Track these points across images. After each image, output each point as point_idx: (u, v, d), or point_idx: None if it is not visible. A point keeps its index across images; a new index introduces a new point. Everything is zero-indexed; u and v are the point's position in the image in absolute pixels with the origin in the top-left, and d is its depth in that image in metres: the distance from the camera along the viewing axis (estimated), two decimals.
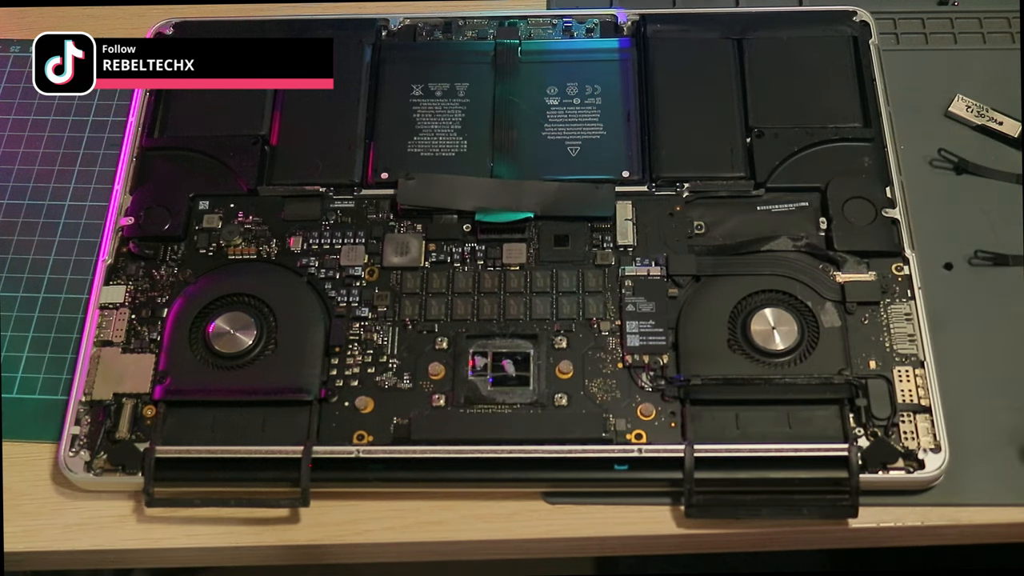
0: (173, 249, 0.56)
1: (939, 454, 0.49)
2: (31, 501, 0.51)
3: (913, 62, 0.63)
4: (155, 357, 0.52)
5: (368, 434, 0.50)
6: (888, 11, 0.64)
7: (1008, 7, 0.64)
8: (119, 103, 0.63)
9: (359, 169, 0.58)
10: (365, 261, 0.55)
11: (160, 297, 0.54)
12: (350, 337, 0.53)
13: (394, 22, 0.63)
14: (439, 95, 0.60)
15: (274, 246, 0.56)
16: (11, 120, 0.63)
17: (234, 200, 0.57)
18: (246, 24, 0.64)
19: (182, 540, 0.50)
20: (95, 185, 0.60)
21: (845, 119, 0.58)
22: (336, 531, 0.50)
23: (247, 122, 0.59)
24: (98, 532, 0.50)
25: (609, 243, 0.55)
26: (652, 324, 0.52)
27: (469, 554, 0.51)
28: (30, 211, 0.60)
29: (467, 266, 0.55)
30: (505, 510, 0.50)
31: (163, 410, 0.51)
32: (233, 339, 0.52)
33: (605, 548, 0.52)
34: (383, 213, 0.56)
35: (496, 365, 0.51)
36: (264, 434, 0.50)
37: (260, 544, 0.50)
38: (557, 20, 0.63)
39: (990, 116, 0.60)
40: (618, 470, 0.49)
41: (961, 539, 0.50)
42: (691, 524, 0.49)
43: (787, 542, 0.51)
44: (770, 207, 0.56)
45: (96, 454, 0.50)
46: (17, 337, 0.55)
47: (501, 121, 0.59)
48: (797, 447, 0.49)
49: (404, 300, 0.54)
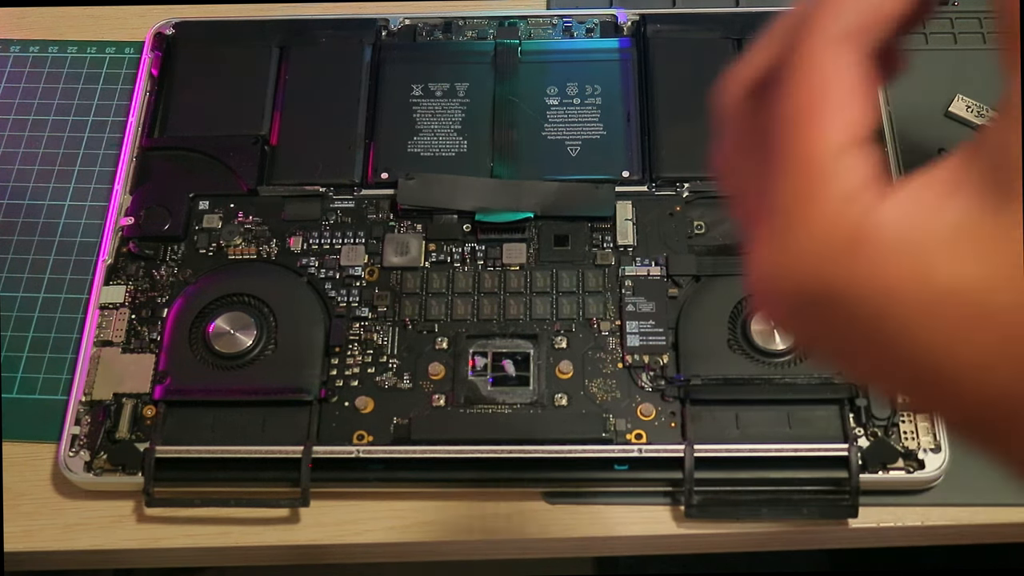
0: (173, 249, 0.56)
1: (939, 454, 0.49)
2: (31, 501, 0.51)
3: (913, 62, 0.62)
4: (155, 357, 0.52)
5: (368, 434, 0.50)
6: None
7: None
8: (119, 103, 0.63)
9: (359, 169, 0.58)
10: (365, 261, 0.55)
11: (160, 297, 0.54)
12: (350, 337, 0.53)
13: (394, 22, 0.63)
14: (439, 95, 0.60)
15: (274, 246, 0.56)
16: (11, 120, 0.63)
17: (234, 200, 0.57)
18: (246, 24, 0.64)
19: (182, 540, 0.50)
20: (95, 185, 0.60)
21: None
22: (336, 531, 0.50)
23: (247, 122, 0.59)
24: (98, 532, 0.50)
25: (609, 243, 0.55)
26: (652, 324, 0.52)
27: (469, 554, 0.51)
28: (30, 211, 0.60)
29: (467, 266, 0.55)
30: (505, 510, 0.50)
31: (163, 410, 0.51)
32: (233, 339, 0.52)
33: (605, 548, 0.52)
34: (383, 213, 0.56)
35: (496, 365, 0.51)
36: (264, 434, 0.50)
37: (260, 544, 0.50)
38: (557, 20, 0.63)
39: (990, 116, 0.60)
40: (618, 470, 0.49)
41: (961, 539, 0.50)
42: (691, 524, 0.49)
43: (787, 542, 0.51)
44: None
45: (96, 454, 0.50)
46: (17, 337, 0.55)
47: (501, 121, 0.59)
48: (797, 447, 0.49)
49: (404, 300, 0.54)
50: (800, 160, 0.22)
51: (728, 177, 0.27)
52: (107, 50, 0.65)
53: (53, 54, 0.65)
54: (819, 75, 0.23)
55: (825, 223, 0.22)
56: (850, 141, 0.22)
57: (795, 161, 0.23)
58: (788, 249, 0.22)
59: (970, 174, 0.21)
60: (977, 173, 0.21)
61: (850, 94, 0.23)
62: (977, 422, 0.22)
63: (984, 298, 0.20)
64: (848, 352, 0.23)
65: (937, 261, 0.20)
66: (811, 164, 0.22)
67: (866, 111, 0.23)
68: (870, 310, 0.21)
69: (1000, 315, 0.20)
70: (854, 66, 0.23)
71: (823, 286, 0.22)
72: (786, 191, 0.22)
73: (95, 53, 0.65)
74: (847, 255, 0.21)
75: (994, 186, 0.20)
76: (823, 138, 0.22)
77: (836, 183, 0.22)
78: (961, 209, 0.20)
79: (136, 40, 0.64)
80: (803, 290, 0.22)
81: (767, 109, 0.24)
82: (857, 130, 0.23)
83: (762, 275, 0.23)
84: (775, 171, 0.23)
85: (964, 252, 0.20)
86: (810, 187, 0.22)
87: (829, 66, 0.23)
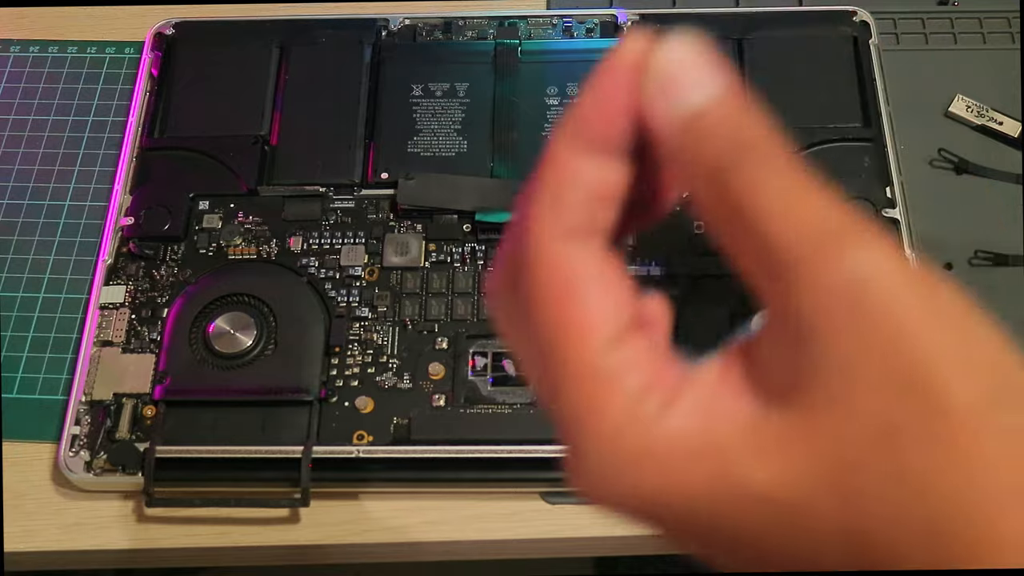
0: (173, 249, 0.56)
1: None
2: (31, 501, 0.51)
3: (913, 62, 0.63)
4: (155, 357, 0.52)
5: (368, 434, 0.50)
6: (888, 11, 0.64)
7: (1008, 7, 0.64)
8: (119, 103, 0.63)
9: (359, 169, 0.58)
10: (365, 261, 0.55)
11: (160, 297, 0.54)
12: (350, 337, 0.53)
13: (394, 22, 0.63)
14: (439, 95, 0.60)
15: (274, 246, 0.56)
16: (11, 120, 0.63)
17: (234, 200, 0.57)
18: (246, 24, 0.64)
19: (182, 540, 0.50)
20: (95, 185, 0.60)
21: (845, 119, 0.58)
22: (336, 531, 0.50)
23: (247, 122, 0.59)
24: (98, 532, 0.50)
25: None
26: None
27: (469, 554, 0.51)
28: (30, 211, 0.59)
29: (467, 266, 0.55)
30: (505, 510, 0.50)
31: (163, 410, 0.51)
32: (233, 339, 0.52)
33: (605, 548, 0.52)
34: (383, 213, 0.56)
35: (496, 365, 0.51)
36: (264, 434, 0.50)
37: (260, 544, 0.50)
38: (557, 20, 0.63)
39: (990, 116, 0.60)
40: None
41: None
42: None
43: None
44: None
45: (96, 454, 0.50)
46: (17, 337, 0.55)
47: (501, 121, 0.59)
48: None
49: (404, 300, 0.54)
50: (570, 368, 0.21)
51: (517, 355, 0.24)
52: (107, 50, 0.65)
53: (53, 54, 0.65)
54: (556, 274, 0.21)
55: (614, 440, 0.20)
56: (616, 332, 0.21)
57: (565, 371, 0.21)
58: (587, 468, 0.21)
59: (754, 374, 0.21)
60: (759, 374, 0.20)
61: (597, 283, 0.21)
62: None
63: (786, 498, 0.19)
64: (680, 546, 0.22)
65: (736, 463, 0.20)
66: (581, 371, 0.21)
67: (621, 295, 0.22)
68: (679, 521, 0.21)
69: (805, 513, 0.19)
70: (591, 256, 0.22)
71: (631, 501, 0.21)
72: (568, 403, 0.21)
73: (95, 53, 0.65)
74: (644, 469, 0.20)
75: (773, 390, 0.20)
76: (584, 338, 0.21)
77: (616, 387, 0.21)
78: (752, 410, 0.20)
79: (136, 40, 0.64)
80: (612, 505, 0.21)
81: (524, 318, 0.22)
82: (620, 318, 0.21)
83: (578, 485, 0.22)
84: (552, 378, 0.21)
85: (763, 453, 0.19)
86: (589, 399, 0.21)
87: (563, 263, 0.21)
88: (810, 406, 0.19)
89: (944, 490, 0.18)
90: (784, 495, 0.19)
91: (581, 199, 0.22)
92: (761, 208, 0.20)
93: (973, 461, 0.18)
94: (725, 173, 0.20)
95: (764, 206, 0.20)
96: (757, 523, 0.19)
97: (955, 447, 0.18)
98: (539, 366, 0.22)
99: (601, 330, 0.21)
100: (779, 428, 0.19)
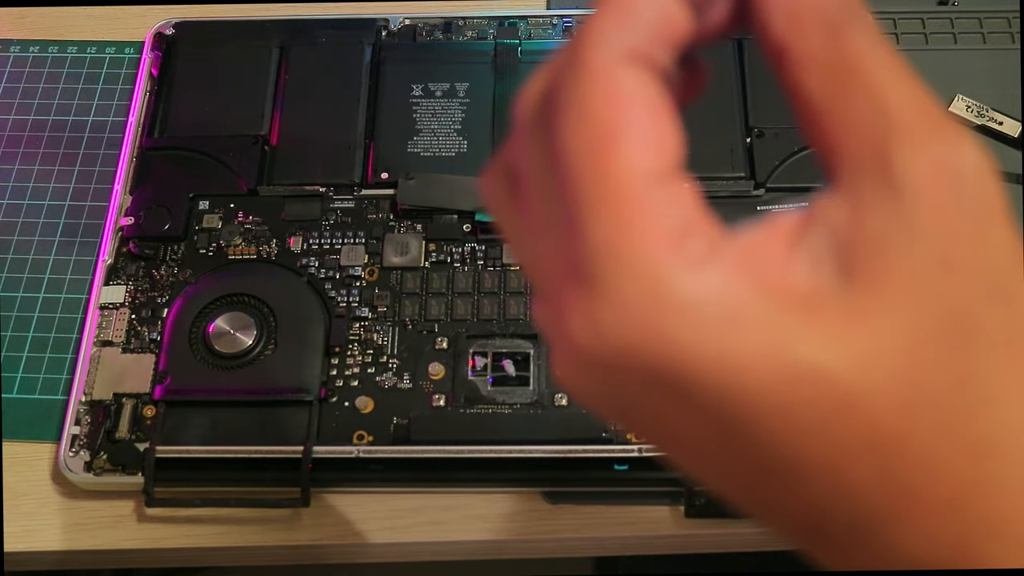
0: (173, 249, 0.56)
1: None
2: (31, 501, 0.51)
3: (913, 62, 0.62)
4: (155, 357, 0.52)
5: (368, 434, 0.50)
6: (888, 11, 0.64)
7: (1008, 7, 0.64)
8: (119, 103, 0.63)
9: (359, 169, 0.58)
10: (365, 261, 0.55)
11: (160, 297, 0.54)
12: (350, 337, 0.53)
13: (394, 22, 0.63)
14: (439, 95, 0.60)
15: (274, 246, 0.56)
16: (11, 120, 0.63)
17: (234, 200, 0.57)
18: (246, 24, 0.64)
19: (182, 540, 0.50)
20: (95, 185, 0.60)
21: None
22: (336, 531, 0.50)
23: (247, 122, 0.59)
24: (98, 532, 0.50)
25: None
26: None
27: (469, 554, 0.51)
28: (30, 211, 0.60)
29: (467, 266, 0.55)
30: (505, 510, 0.50)
31: (163, 410, 0.51)
32: (233, 339, 0.52)
33: (605, 548, 0.52)
34: (383, 213, 0.56)
35: (496, 365, 0.51)
36: (264, 434, 0.50)
37: (260, 544, 0.50)
38: (557, 20, 0.63)
39: (990, 116, 0.60)
40: (618, 470, 0.49)
41: None
42: (691, 524, 0.49)
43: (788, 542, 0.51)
44: (770, 207, 0.56)
45: (96, 454, 0.50)
46: (17, 337, 0.55)
47: (501, 121, 0.59)
48: None
49: (404, 300, 0.54)
50: (605, 193, 0.18)
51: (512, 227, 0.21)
52: (107, 50, 0.65)
53: (53, 54, 0.65)
54: (609, 89, 0.19)
55: (650, 273, 0.18)
56: (660, 169, 0.19)
57: (599, 196, 0.18)
58: (608, 305, 0.18)
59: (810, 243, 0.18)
60: (817, 244, 0.18)
61: (649, 115, 0.19)
62: (814, 533, 0.20)
63: (847, 384, 0.17)
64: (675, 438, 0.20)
65: (790, 336, 0.17)
66: (620, 196, 0.18)
67: (672, 136, 0.19)
68: (706, 390, 0.18)
69: (863, 404, 0.17)
70: (647, 84, 0.19)
71: (653, 354, 0.18)
72: (596, 234, 0.18)
73: (95, 53, 0.65)
74: (680, 319, 0.17)
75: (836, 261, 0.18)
76: (628, 163, 0.18)
77: (655, 218, 0.18)
78: (808, 279, 0.18)
79: (136, 40, 0.64)
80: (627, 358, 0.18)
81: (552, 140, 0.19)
82: (666, 157, 0.19)
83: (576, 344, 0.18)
84: (576, 215, 0.18)
85: (822, 328, 0.17)
86: (626, 222, 0.18)
87: (620, 83, 0.19)
88: (886, 283, 0.17)
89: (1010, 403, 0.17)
90: (844, 379, 0.17)
91: (653, 19, 0.19)
92: (880, 74, 0.19)
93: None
94: (843, 29, 0.19)
95: (883, 73, 0.19)
96: (799, 409, 0.17)
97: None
98: (561, 194, 0.19)
99: (647, 158, 0.19)
100: (846, 303, 0.17)
